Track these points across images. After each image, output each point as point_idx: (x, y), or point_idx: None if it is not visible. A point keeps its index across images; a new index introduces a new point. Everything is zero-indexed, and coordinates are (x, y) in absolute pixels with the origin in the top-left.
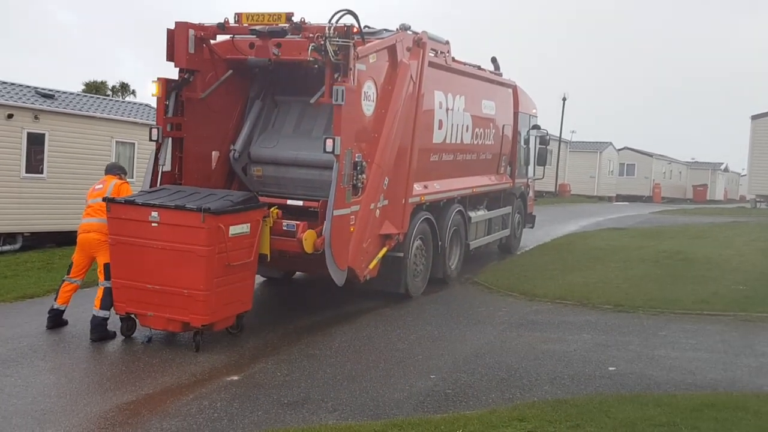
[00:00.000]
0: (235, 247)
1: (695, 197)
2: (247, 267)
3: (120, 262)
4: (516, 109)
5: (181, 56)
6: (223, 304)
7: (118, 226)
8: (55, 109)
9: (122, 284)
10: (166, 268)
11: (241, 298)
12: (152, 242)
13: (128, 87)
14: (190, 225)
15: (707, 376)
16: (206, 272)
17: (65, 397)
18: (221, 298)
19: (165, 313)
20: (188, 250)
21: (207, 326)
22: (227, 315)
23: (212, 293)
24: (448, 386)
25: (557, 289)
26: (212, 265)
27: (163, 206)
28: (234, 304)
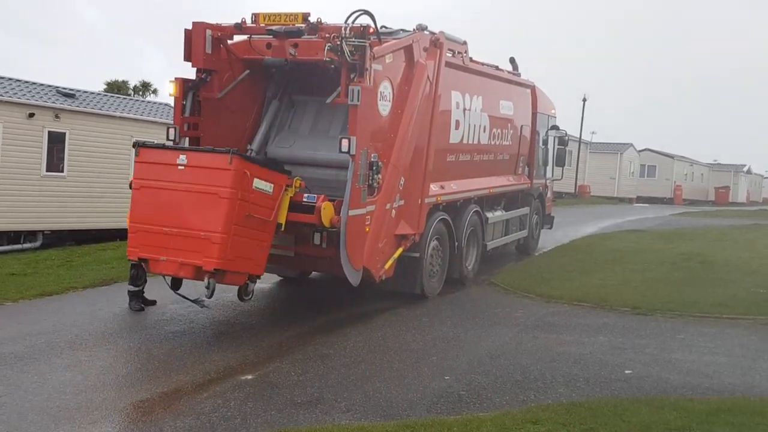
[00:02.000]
0: (257, 202)
1: (717, 199)
2: (264, 228)
3: (140, 205)
4: (534, 109)
5: (198, 56)
6: (236, 255)
7: (145, 170)
8: (75, 108)
9: (139, 228)
10: (186, 210)
11: (254, 257)
12: (177, 185)
13: (150, 86)
14: (217, 167)
15: (725, 380)
16: (226, 215)
17: (81, 394)
18: (236, 248)
19: (178, 257)
20: (212, 191)
21: (219, 272)
22: (239, 269)
23: (229, 238)
24: (462, 387)
25: (574, 290)
26: (233, 209)
27: (192, 149)
28: (247, 261)
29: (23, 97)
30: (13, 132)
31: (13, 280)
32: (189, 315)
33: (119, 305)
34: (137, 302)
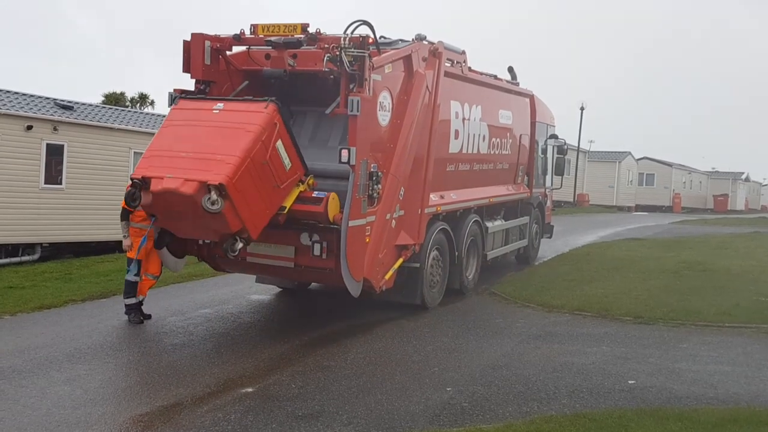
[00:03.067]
0: (273, 161)
1: (716, 207)
2: (272, 192)
3: (162, 138)
4: (533, 118)
5: (197, 67)
6: (242, 191)
7: (178, 114)
8: (74, 120)
9: (153, 154)
10: (209, 140)
11: (255, 211)
12: (206, 122)
13: (147, 98)
14: (252, 110)
15: (729, 390)
16: (247, 146)
17: (80, 408)
18: (243, 184)
19: (184, 175)
20: (240, 127)
21: (223, 192)
22: (239, 207)
23: (242, 165)
24: (464, 399)
25: (576, 300)
26: (254, 144)
27: (231, 99)
28: (247, 209)
29: (21, 109)
30: (11, 144)
31: (12, 293)
32: (188, 327)
33: (118, 318)
34: (136, 315)
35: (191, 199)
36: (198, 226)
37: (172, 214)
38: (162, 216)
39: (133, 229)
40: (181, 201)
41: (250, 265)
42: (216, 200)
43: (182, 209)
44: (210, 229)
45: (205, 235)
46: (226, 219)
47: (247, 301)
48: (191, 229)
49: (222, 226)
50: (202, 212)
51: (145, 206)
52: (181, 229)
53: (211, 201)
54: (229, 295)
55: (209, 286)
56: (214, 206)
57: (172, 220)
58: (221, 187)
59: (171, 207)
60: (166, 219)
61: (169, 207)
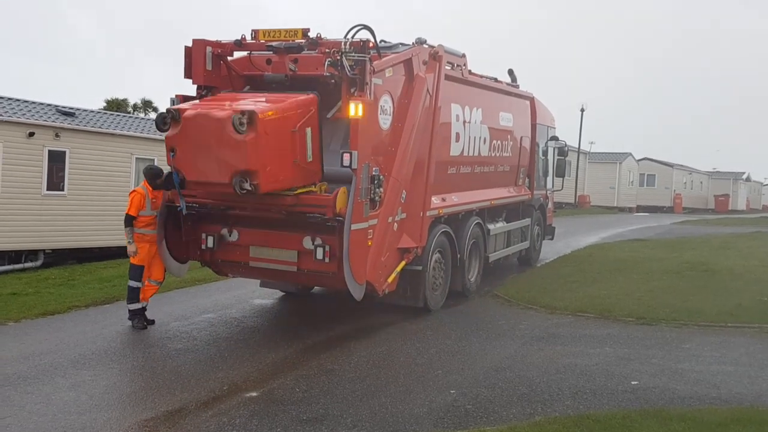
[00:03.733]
0: (300, 140)
1: (717, 207)
2: (290, 165)
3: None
4: (534, 120)
5: (198, 73)
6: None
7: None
8: (75, 126)
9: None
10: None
11: (271, 162)
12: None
13: (150, 104)
14: (294, 95)
15: (732, 390)
16: (284, 105)
17: (85, 414)
18: (271, 131)
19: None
20: (280, 99)
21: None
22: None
23: (274, 115)
24: (468, 401)
25: (578, 301)
26: (290, 108)
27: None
28: (267, 153)
29: (23, 116)
30: (14, 151)
31: (15, 300)
32: (192, 332)
33: (122, 324)
34: (140, 320)
35: (221, 121)
36: (216, 159)
37: (194, 143)
38: (183, 146)
39: (137, 235)
40: (211, 125)
41: (252, 269)
42: (244, 122)
43: (208, 134)
44: (226, 164)
45: (219, 174)
46: (246, 151)
47: (250, 305)
48: (207, 164)
49: (239, 160)
50: (226, 140)
51: (171, 137)
52: (196, 167)
53: (240, 121)
54: (232, 300)
55: (212, 290)
56: (242, 127)
57: (192, 152)
58: (252, 114)
59: (198, 133)
60: (186, 151)
61: (196, 133)
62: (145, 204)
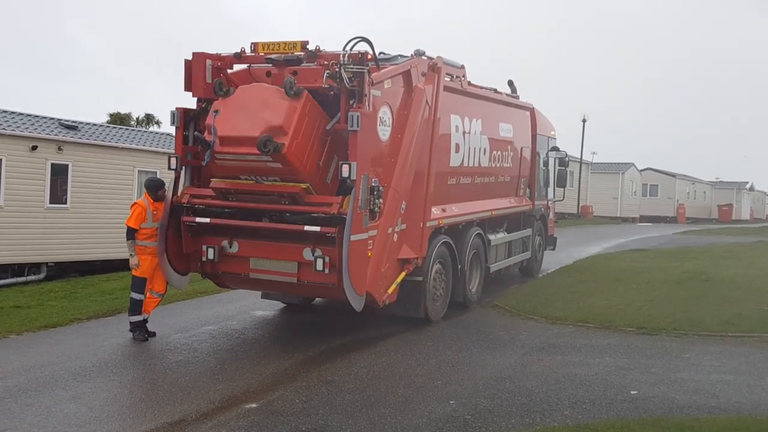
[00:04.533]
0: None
1: (720, 217)
2: (316, 159)
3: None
4: (534, 131)
5: (198, 86)
6: (305, 113)
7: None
8: (78, 140)
9: None
10: None
11: (300, 136)
12: None
13: (153, 118)
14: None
15: (731, 399)
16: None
17: (85, 426)
18: (309, 113)
19: None
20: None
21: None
22: (297, 122)
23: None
24: (467, 412)
25: (579, 311)
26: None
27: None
28: (299, 128)
29: (26, 130)
30: (17, 164)
31: (18, 313)
32: (192, 344)
33: (123, 336)
34: (141, 332)
35: (274, 90)
36: (254, 116)
37: (240, 106)
38: (229, 108)
39: (139, 247)
40: (263, 91)
41: (253, 281)
42: (293, 89)
43: (256, 100)
44: (262, 119)
45: (251, 128)
46: (285, 112)
47: (251, 317)
48: (244, 120)
49: (275, 117)
50: (271, 102)
51: (219, 101)
52: (232, 123)
53: (291, 85)
54: (233, 312)
55: (213, 302)
56: (291, 91)
57: (233, 112)
58: (300, 90)
59: (247, 97)
60: (229, 112)
61: (245, 98)
62: (147, 216)
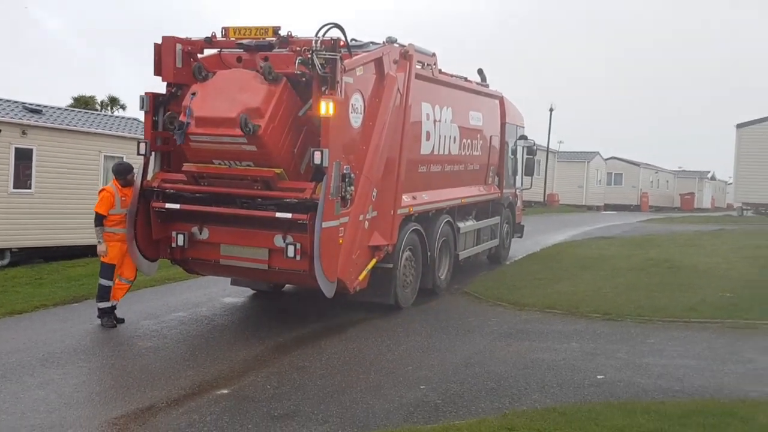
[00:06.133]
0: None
1: (682, 206)
2: (291, 144)
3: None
4: (503, 119)
5: (168, 71)
6: (282, 100)
7: None
8: (42, 124)
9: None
10: None
11: (275, 123)
12: None
13: (118, 101)
14: None
15: (695, 383)
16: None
17: (54, 412)
18: (285, 99)
19: None
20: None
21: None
22: (274, 105)
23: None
24: (437, 396)
25: (546, 298)
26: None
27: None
28: (276, 112)
29: None
30: None
31: None
32: (162, 331)
33: (91, 322)
34: (109, 319)
35: (252, 74)
36: (231, 99)
37: (218, 88)
38: (206, 90)
39: (108, 234)
40: (242, 76)
41: (223, 267)
42: (272, 74)
43: (234, 84)
44: (240, 102)
45: (228, 109)
46: (263, 95)
47: (221, 303)
48: (222, 102)
49: (254, 100)
50: (250, 86)
51: (197, 84)
52: (209, 105)
53: (270, 70)
54: (203, 298)
55: (183, 289)
56: (270, 76)
57: (211, 95)
58: (279, 75)
59: (226, 82)
60: (206, 94)
61: (224, 82)
62: (115, 202)
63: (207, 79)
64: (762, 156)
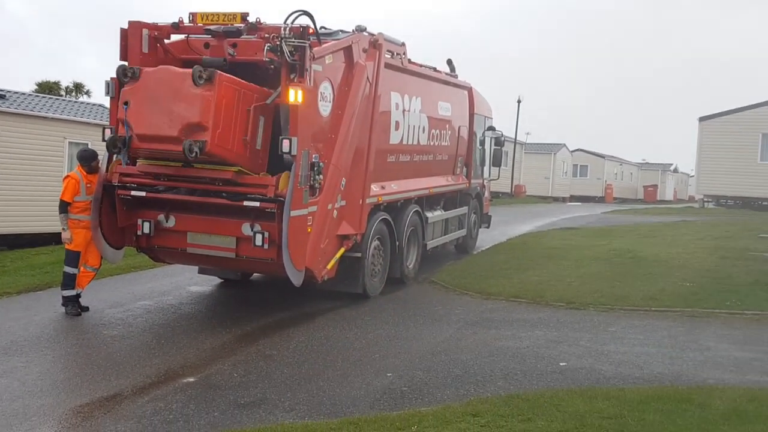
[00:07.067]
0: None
1: (646, 197)
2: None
3: None
4: (472, 110)
5: (134, 56)
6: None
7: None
8: (6, 109)
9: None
10: None
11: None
12: None
13: (82, 87)
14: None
15: (654, 370)
16: (244, 82)
17: (18, 400)
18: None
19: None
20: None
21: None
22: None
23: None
24: (404, 384)
25: (512, 287)
26: (250, 89)
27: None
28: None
29: None
30: None
31: None
32: (128, 319)
33: (55, 310)
34: (74, 307)
35: (182, 75)
36: (169, 111)
37: (151, 96)
38: (138, 98)
39: (72, 221)
40: (171, 77)
41: (190, 255)
42: (204, 77)
43: (165, 88)
44: (178, 116)
45: (168, 126)
46: (200, 105)
47: (187, 292)
48: (159, 117)
49: (192, 113)
50: (183, 93)
51: (128, 90)
52: (147, 120)
53: (200, 74)
54: (169, 287)
55: (148, 277)
56: (200, 80)
57: (146, 104)
58: (212, 73)
59: (156, 85)
60: (140, 103)
61: (154, 86)
62: (80, 189)
63: (135, 77)
64: (723, 149)
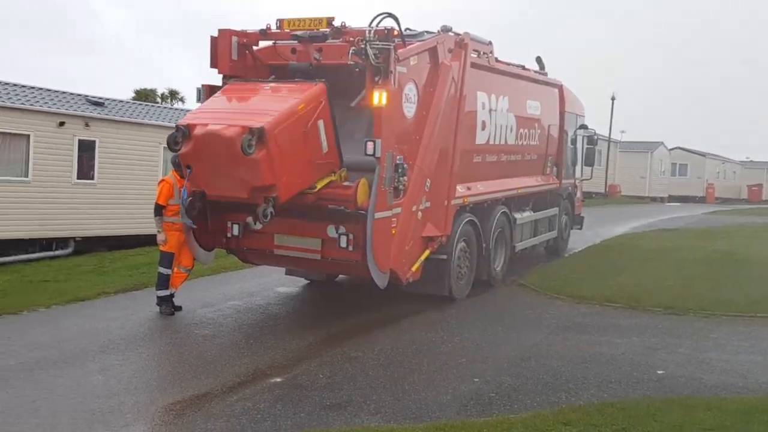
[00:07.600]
0: (312, 135)
1: (750, 197)
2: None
3: (213, 101)
4: (562, 108)
5: (224, 63)
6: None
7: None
8: (105, 116)
9: (203, 111)
10: (258, 102)
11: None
12: (256, 91)
13: (177, 94)
14: (301, 85)
15: (759, 380)
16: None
17: (113, 397)
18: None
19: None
20: (288, 95)
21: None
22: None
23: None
24: (492, 390)
25: (606, 291)
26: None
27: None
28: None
29: (53, 106)
30: (45, 141)
31: (46, 287)
32: (218, 319)
33: (150, 310)
34: (168, 306)
35: (230, 141)
36: (231, 176)
37: (208, 162)
38: (198, 164)
39: (167, 223)
40: (221, 144)
41: (277, 257)
42: (253, 143)
43: (220, 154)
44: (242, 181)
45: (236, 190)
46: (260, 169)
47: (274, 293)
48: (224, 181)
49: (254, 177)
50: (238, 159)
51: (184, 154)
52: (213, 184)
53: (249, 143)
54: (257, 288)
55: (238, 278)
56: (251, 149)
57: (206, 169)
58: (261, 131)
59: (210, 151)
60: (201, 168)
61: (207, 151)
62: (174, 193)
63: (188, 138)
64: None
